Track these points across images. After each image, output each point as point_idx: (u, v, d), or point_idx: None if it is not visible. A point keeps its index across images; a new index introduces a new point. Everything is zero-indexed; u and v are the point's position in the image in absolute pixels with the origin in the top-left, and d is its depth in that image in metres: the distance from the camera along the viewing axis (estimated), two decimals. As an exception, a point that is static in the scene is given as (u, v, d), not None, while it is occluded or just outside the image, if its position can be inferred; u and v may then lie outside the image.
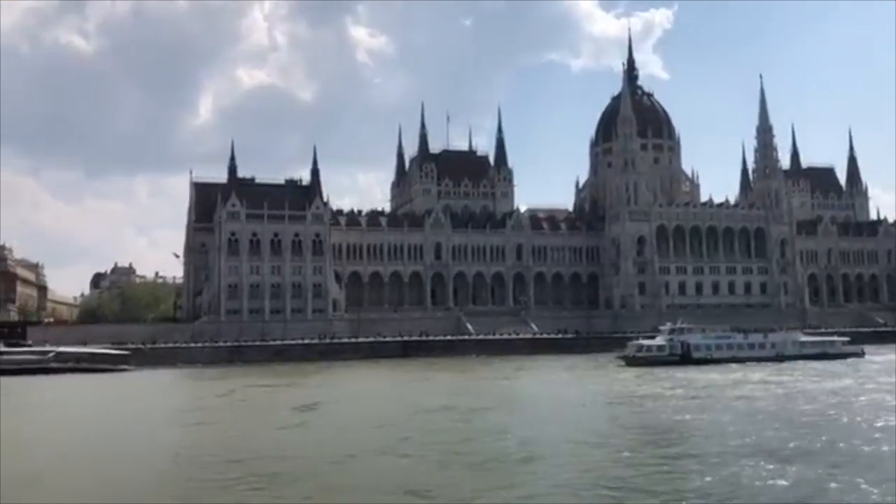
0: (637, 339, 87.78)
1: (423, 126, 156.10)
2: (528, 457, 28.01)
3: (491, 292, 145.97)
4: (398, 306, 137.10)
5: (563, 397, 50.74)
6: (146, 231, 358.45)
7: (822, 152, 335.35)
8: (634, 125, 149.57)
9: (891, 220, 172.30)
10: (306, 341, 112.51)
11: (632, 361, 76.96)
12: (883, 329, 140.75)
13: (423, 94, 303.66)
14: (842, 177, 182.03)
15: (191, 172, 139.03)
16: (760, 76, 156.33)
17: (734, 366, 72.26)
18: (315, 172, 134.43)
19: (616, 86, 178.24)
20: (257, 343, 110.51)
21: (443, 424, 37.11)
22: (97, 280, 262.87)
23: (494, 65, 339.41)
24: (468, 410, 42.73)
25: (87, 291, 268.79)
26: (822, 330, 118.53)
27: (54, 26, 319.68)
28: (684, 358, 76.26)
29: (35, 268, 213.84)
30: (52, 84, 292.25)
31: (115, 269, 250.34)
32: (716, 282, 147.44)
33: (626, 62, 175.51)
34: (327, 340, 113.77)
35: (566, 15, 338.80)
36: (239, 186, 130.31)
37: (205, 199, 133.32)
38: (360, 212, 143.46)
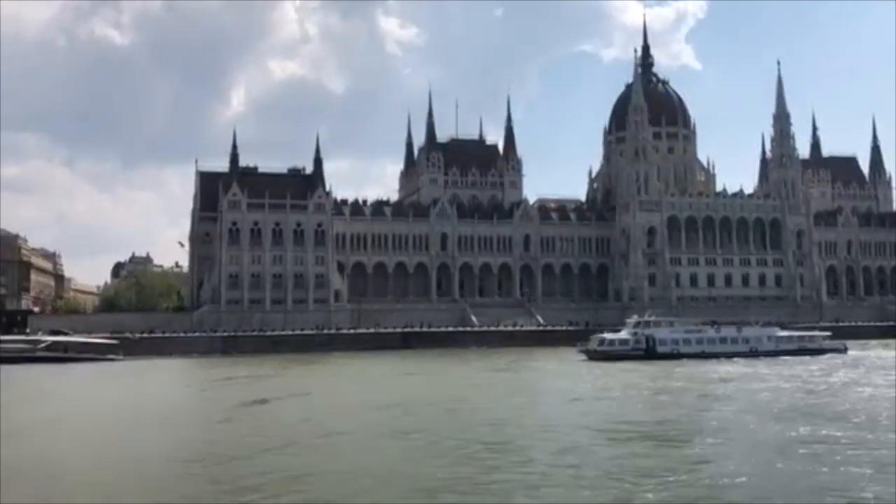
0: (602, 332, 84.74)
1: (430, 114, 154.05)
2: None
3: (498, 284, 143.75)
4: (402, 297, 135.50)
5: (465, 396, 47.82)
6: (176, 221, 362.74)
7: (846, 142, 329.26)
8: (646, 113, 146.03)
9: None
10: (304, 332, 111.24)
11: (594, 355, 74.04)
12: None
13: (452, 85, 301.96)
14: (865, 167, 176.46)
15: (196, 162, 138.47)
16: (778, 62, 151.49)
17: (699, 362, 68.80)
18: (318, 161, 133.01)
19: (629, 73, 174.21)
20: (253, 333, 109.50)
21: (372, 423, 35.23)
22: (117, 269, 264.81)
23: (525, 56, 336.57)
24: (411, 407, 40.83)
25: (109, 281, 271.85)
26: (820, 324, 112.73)
27: (90, 20, 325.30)
28: (649, 352, 73.11)
29: (52, 257, 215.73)
30: (87, 77, 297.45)
31: (133, 259, 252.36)
32: (729, 274, 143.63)
33: (639, 49, 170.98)
34: (325, 331, 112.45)
35: (598, 5, 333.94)
36: (241, 176, 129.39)
37: (210, 189, 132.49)
38: (364, 201, 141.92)
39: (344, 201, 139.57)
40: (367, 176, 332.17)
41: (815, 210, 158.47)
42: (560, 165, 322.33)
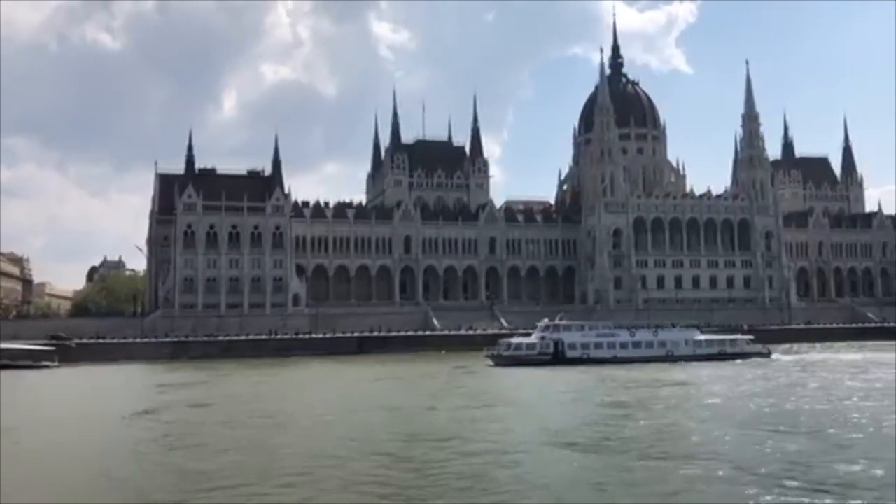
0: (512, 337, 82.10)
1: (395, 115, 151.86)
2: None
3: (463, 287, 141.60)
4: (365, 301, 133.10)
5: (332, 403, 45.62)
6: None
7: (818, 143, 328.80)
8: (612, 114, 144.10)
9: (890, 213, 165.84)
10: (255, 337, 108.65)
11: (500, 361, 71.33)
12: (872, 325, 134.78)
13: (444, 88, 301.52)
14: (837, 168, 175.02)
15: (155, 164, 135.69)
16: (747, 62, 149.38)
17: (607, 367, 66.11)
18: (276, 163, 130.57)
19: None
20: (202, 339, 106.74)
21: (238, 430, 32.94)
22: (91, 273, 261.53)
23: (517, 59, 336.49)
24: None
25: (84, 285, 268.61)
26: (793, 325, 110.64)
27: (82, 24, 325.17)
28: (557, 357, 70.69)
29: (20, 262, 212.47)
30: (79, 80, 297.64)
31: (105, 263, 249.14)
32: (696, 276, 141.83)
33: (606, 49, 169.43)
34: (278, 336, 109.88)
35: (588, 7, 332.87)
36: (197, 177, 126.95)
37: (168, 191, 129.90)
38: (326, 203, 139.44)
39: (305, 203, 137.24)
40: (355, 180, 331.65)
41: (786, 211, 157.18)
42: (548, 168, 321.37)
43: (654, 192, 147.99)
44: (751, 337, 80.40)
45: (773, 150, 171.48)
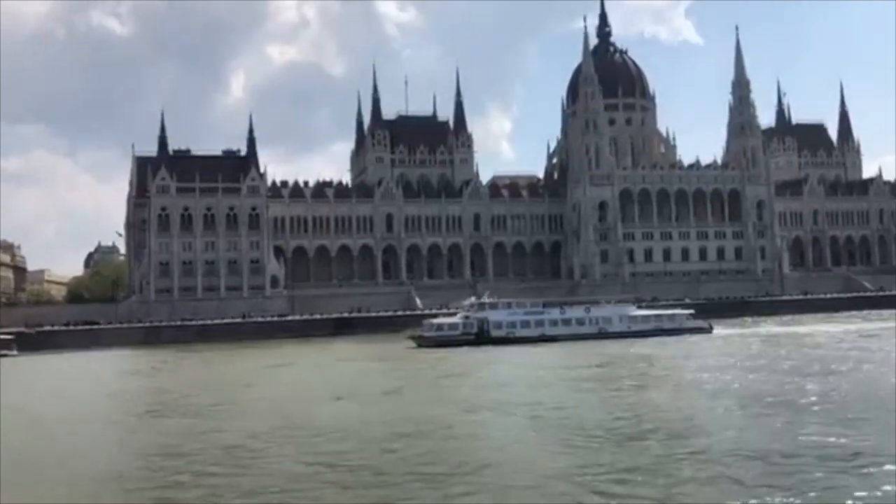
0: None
1: (375, 89, 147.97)
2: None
3: (448, 265, 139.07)
4: (347, 281, 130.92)
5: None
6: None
7: (814, 109, 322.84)
8: (597, 84, 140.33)
9: (889, 179, 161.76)
10: (229, 321, 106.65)
11: (422, 342, 68.42)
12: (866, 295, 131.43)
13: (452, 65, 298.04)
14: (834, 134, 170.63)
15: (133, 147, 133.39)
16: (736, 28, 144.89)
17: (530, 346, 63.49)
18: (251, 142, 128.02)
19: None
20: (175, 323, 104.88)
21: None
22: (89, 260, 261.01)
23: (524, 34, 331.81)
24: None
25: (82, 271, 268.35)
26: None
27: (89, 10, 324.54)
28: (481, 337, 67.92)
29: (10, 249, 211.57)
30: (87, 67, 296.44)
31: (99, 248, 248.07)
32: (685, 248, 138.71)
33: (593, 18, 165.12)
34: (253, 319, 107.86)
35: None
36: (171, 159, 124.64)
37: (145, 174, 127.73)
38: (305, 183, 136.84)
39: (284, 183, 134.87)
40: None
41: (781, 179, 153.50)
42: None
43: (641, 164, 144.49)
44: (691, 311, 76.71)
45: (770, 118, 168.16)
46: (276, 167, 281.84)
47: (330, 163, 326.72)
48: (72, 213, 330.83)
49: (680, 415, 27.40)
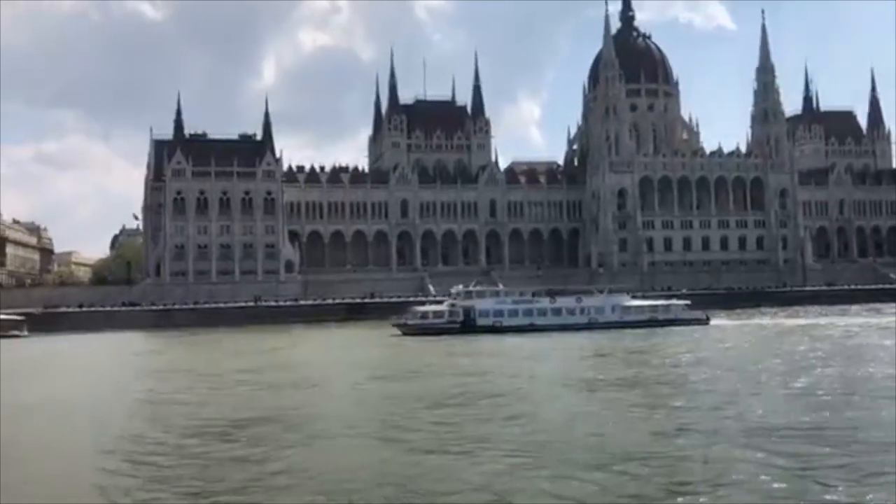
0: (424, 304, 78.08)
1: (392, 74, 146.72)
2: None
3: (463, 252, 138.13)
4: (362, 267, 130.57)
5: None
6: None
7: (844, 96, 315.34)
8: (617, 69, 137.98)
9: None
10: (241, 304, 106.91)
11: (407, 330, 67.04)
12: (891, 287, 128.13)
13: (482, 49, 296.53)
14: (863, 121, 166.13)
15: (151, 130, 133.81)
16: (762, 12, 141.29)
17: (521, 336, 61.68)
18: (267, 127, 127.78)
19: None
20: (186, 307, 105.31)
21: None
22: (114, 242, 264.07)
23: (555, 19, 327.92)
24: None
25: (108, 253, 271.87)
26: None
27: None
28: (467, 326, 66.33)
29: (37, 231, 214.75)
30: (121, 51, 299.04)
31: (123, 231, 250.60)
32: (706, 237, 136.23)
33: (617, 1, 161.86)
34: (263, 303, 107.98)
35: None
36: (187, 143, 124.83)
37: (162, 157, 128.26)
38: (322, 168, 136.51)
39: (300, 168, 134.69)
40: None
41: (807, 167, 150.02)
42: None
43: (662, 151, 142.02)
44: (687, 302, 74.49)
45: (798, 105, 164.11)
46: (306, 152, 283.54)
47: (358, 149, 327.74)
48: (106, 197, 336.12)
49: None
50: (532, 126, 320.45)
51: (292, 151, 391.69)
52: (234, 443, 23.51)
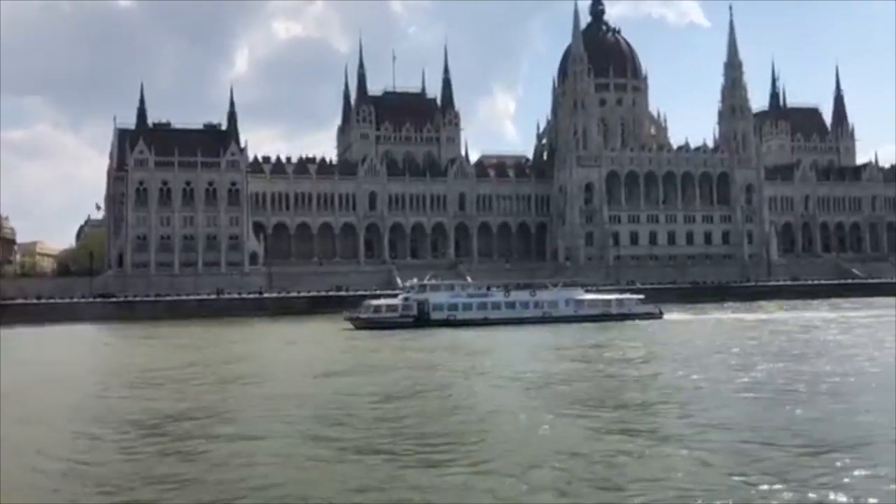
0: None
1: (361, 65, 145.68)
2: None
3: (432, 245, 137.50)
4: (328, 260, 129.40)
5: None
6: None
7: (810, 93, 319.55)
8: (585, 63, 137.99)
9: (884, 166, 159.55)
10: (203, 297, 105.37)
11: (360, 324, 66.17)
12: (857, 282, 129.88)
13: (457, 43, 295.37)
14: (828, 119, 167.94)
15: (114, 119, 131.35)
16: (730, 8, 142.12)
17: (476, 329, 61.41)
18: (232, 116, 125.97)
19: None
20: (146, 298, 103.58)
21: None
22: (80, 232, 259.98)
23: (530, 13, 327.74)
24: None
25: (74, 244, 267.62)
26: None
27: None
28: (420, 320, 65.78)
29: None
30: (92, 40, 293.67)
31: (89, 221, 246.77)
32: (672, 231, 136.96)
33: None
34: (226, 295, 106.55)
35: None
36: (150, 132, 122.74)
37: (126, 147, 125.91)
38: (288, 159, 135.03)
39: (266, 159, 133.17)
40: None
41: (773, 163, 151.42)
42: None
43: (629, 145, 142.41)
44: (641, 297, 74.74)
45: (765, 102, 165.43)
46: (279, 144, 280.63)
47: (331, 141, 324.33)
48: (74, 186, 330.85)
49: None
50: (507, 120, 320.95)
51: (265, 143, 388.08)
52: (162, 437, 22.86)
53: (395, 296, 74.99)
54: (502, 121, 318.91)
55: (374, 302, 71.31)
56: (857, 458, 17.41)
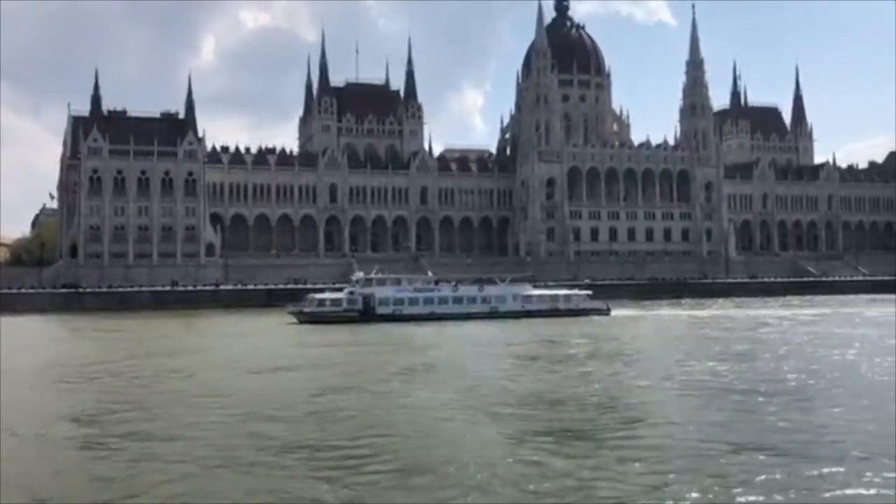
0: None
1: (323, 55, 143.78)
2: None
3: (393, 238, 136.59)
4: (287, 252, 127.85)
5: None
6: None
7: (772, 93, 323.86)
8: (549, 58, 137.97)
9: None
10: (155, 289, 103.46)
11: (304, 318, 65.25)
12: (810, 279, 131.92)
13: (428, 36, 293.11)
14: (788, 118, 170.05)
15: (69, 105, 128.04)
16: (693, 6, 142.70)
17: (423, 324, 60.86)
18: (190, 105, 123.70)
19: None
20: (97, 290, 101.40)
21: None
22: (35, 221, 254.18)
23: (500, 8, 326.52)
24: None
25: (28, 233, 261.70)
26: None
27: None
28: (366, 314, 65.37)
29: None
30: (55, 25, 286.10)
31: (44, 210, 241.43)
32: (632, 228, 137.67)
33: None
34: (180, 287, 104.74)
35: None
36: (104, 119, 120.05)
37: (79, 134, 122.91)
38: (247, 149, 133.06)
39: (224, 148, 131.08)
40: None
41: (732, 162, 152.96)
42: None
43: (591, 141, 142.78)
44: (589, 292, 75.02)
45: (722, 100, 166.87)
46: (245, 134, 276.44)
47: (295, 132, 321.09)
48: (31, 174, 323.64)
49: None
50: (476, 115, 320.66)
51: (231, 134, 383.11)
52: (80, 434, 22.00)
53: (340, 289, 73.77)
54: (471, 116, 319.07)
55: (319, 296, 70.21)
56: (774, 455, 17.20)
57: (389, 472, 16.97)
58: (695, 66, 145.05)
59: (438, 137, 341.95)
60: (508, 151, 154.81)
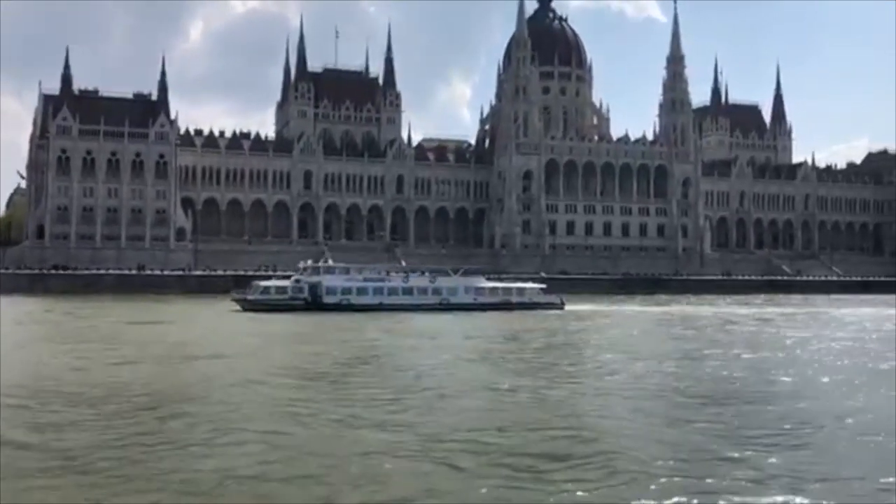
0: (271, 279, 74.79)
1: (301, 39, 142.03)
2: None
3: (368, 227, 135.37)
4: (259, 238, 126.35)
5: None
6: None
7: (753, 91, 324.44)
8: (528, 50, 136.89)
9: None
10: (122, 272, 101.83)
11: (248, 305, 63.82)
12: (783, 278, 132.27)
13: (418, 26, 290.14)
14: (768, 117, 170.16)
15: (39, 84, 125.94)
16: (675, 2, 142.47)
17: (370, 315, 59.64)
18: (163, 86, 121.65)
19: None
20: (61, 272, 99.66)
21: None
22: (10, 201, 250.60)
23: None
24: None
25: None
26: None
27: None
28: (312, 303, 63.92)
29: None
30: (44, 5, 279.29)
31: (18, 190, 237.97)
32: (608, 222, 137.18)
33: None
34: (147, 272, 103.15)
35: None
36: (75, 99, 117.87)
37: (49, 113, 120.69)
38: (221, 133, 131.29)
39: (198, 132, 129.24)
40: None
41: (711, 159, 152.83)
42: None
43: (570, 134, 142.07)
44: (543, 286, 73.96)
45: (702, 97, 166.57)
46: (231, 119, 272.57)
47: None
48: (16, 154, 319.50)
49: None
50: (464, 106, 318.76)
51: (217, 118, 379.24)
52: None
53: (287, 277, 72.23)
54: (459, 107, 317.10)
55: (264, 283, 68.54)
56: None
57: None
58: (675, 61, 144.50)
59: (427, 128, 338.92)
60: (487, 143, 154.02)
